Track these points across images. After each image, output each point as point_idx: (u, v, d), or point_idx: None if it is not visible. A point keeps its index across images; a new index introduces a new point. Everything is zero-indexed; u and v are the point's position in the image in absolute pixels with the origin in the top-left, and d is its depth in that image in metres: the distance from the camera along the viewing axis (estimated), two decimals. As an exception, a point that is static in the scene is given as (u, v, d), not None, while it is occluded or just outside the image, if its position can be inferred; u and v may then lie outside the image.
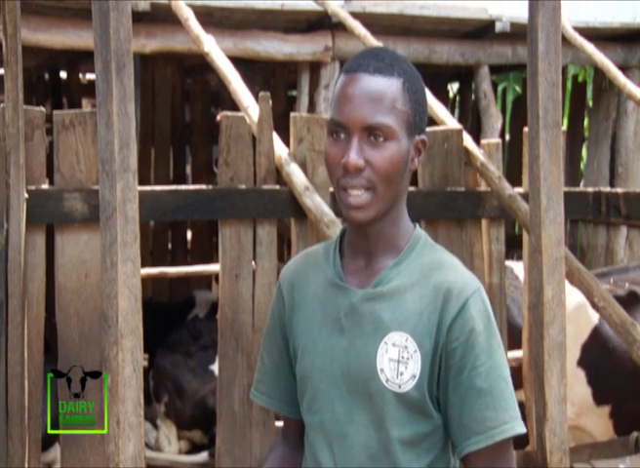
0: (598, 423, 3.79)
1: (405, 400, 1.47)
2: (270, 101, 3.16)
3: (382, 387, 1.47)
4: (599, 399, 3.75)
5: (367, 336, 1.49)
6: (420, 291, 1.49)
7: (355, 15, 4.71)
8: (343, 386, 1.50)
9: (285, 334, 1.62)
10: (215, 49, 3.63)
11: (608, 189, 4.71)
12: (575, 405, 3.74)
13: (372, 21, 4.85)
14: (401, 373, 1.46)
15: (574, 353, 3.69)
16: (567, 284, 3.79)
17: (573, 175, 6.65)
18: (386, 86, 1.45)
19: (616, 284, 3.92)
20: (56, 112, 2.89)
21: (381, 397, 1.47)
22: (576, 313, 3.34)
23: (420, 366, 1.46)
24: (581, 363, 3.70)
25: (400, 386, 1.46)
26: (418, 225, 1.59)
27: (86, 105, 8.83)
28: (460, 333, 1.45)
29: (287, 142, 3.29)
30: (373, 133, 1.44)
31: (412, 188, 3.40)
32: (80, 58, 6.40)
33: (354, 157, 1.43)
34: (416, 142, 1.50)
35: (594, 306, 3.04)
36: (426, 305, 1.47)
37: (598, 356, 3.68)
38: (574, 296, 3.49)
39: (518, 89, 10.57)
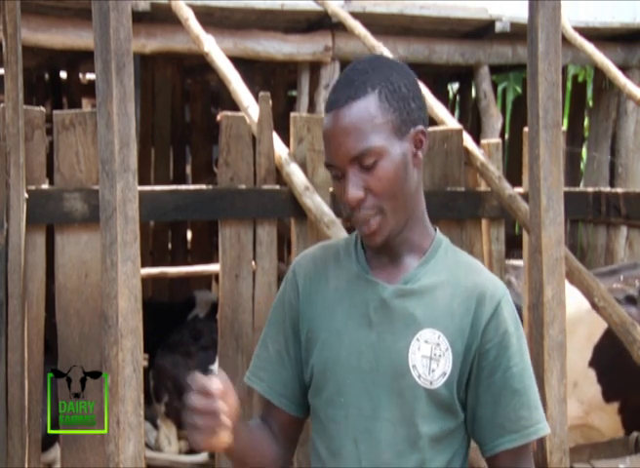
0: (607, 420, 3.81)
1: (435, 397, 1.48)
2: (270, 101, 3.16)
3: (414, 383, 1.48)
4: (608, 396, 3.76)
5: (398, 332, 1.50)
6: (451, 290, 1.51)
7: (355, 15, 4.71)
8: (370, 381, 1.50)
9: (296, 325, 1.60)
10: (215, 49, 3.63)
11: (608, 189, 4.71)
12: (584, 403, 3.74)
13: (372, 21, 4.85)
14: (433, 370, 1.48)
15: (586, 354, 3.70)
16: None
17: (573, 174, 6.65)
18: (361, 109, 1.45)
19: (626, 282, 3.92)
20: (56, 112, 2.89)
21: (412, 393, 1.48)
22: (589, 315, 3.33)
23: (451, 364, 1.48)
24: (593, 363, 3.71)
25: (432, 382, 1.48)
26: (437, 228, 1.61)
27: (86, 105, 8.83)
28: (494, 335, 1.48)
29: (287, 142, 3.28)
30: (362, 159, 1.45)
31: (412, 188, 3.41)
32: (80, 58, 6.40)
33: (352, 191, 1.46)
34: (412, 137, 1.50)
35: (594, 306, 3.04)
36: (458, 306, 1.50)
37: (609, 355, 3.69)
38: (585, 299, 3.51)
39: (518, 89, 10.57)
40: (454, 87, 8.90)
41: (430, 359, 1.48)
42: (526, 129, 2.87)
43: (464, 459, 1.56)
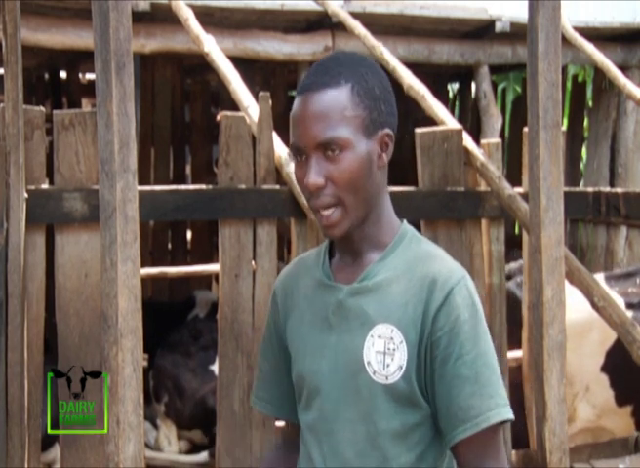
0: (619, 423, 3.80)
1: (393, 391, 1.47)
2: (270, 101, 3.16)
3: (370, 380, 1.47)
4: (621, 400, 3.75)
5: (354, 331, 1.50)
6: (406, 282, 1.49)
7: (355, 15, 4.71)
8: (332, 383, 1.51)
9: (281, 341, 1.63)
10: (215, 49, 3.63)
11: (608, 189, 4.71)
12: (596, 408, 3.74)
13: (372, 21, 4.85)
14: (387, 365, 1.46)
15: (598, 359, 3.69)
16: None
17: (573, 175, 6.65)
18: (333, 97, 1.46)
19: None
20: (56, 112, 2.89)
21: (369, 390, 1.48)
22: (602, 320, 3.34)
23: (406, 356, 1.46)
24: (605, 368, 3.70)
25: (387, 377, 1.47)
26: (405, 221, 1.60)
27: (86, 105, 8.83)
28: (444, 323, 1.45)
29: (287, 142, 3.28)
30: (327, 148, 1.46)
31: (412, 188, 3.40)
32: (80, 58, 6.40)
33: (313, 177, 1.46)
34: (379, 139, 1.50)
35: (594, 306, 3.04)
36: (411, 296, 1.48)
37: (621, 360, 3.67)
38: None
39: (518, 89, 10.57)
40: (454, 87, 8.90)
41: (384, 354, 1.47)
42: (526, 129, 2.87)
43: (442, 456, 1.53)
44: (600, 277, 3.93)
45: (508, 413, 1.46)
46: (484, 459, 1.46)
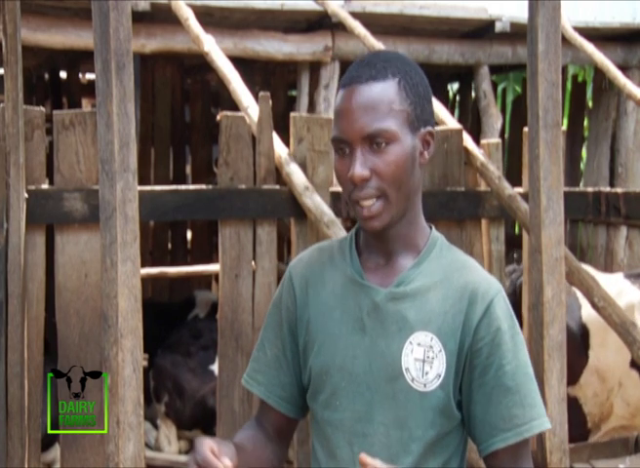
0: None
1: (430, 399, 1.48)
2: (270, 101, 3.16)
3: (408, 386, 1.48)
4: None
5: (391, 336, 1.49)
6: (444, 291, 1.50)
7: (355, 15, 4.71)
8: (365, 385, 1.50)
9: (293, 329, 1.60)
10: (215, 49, 3.63)
11: (608, 189, 4.71)
12: (630, 406, 3.71)
13: (372, 21, 4.85)
14: (426, 373, 1.47)
15: (626, 355, 3.66)
16: (622, 284, 3.75)
17: (573, 175, 6.65)
18: (381, 90, 1.45)
19: None
20: (56, 112, 2.89)
21: (406, 396, 1.48)
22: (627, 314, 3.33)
23: (445, 365, 1.47)
24: (634, 364, 3.68)
25: (425, 385, 1.48)
26: (433, 226, 1.60)
27: (86, 105, 8.83)
28: (486, 333, 1.47)
29: (287, 142, 3.28)
30: (374, 140, 1.44)
31: (412, 188, 3.41)
32: (80, 58, 6.40)
33: (358, 169, 1.44)
34: (421, 136, 1.50)
35: (594, 306, 3.04)
36: (451, 306, 1.49)
37: None
38: (623, 297, 3.47)
39: (518, 89, 10.57)
40: (454, 87, 8.90)
41: (423, 362, 1.47)
42: (526, 129, 2.87)
43: (462, 460, 1.55)
44: (619, 276, 3.93)
45: (548, 423, 1.50)
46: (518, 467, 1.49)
